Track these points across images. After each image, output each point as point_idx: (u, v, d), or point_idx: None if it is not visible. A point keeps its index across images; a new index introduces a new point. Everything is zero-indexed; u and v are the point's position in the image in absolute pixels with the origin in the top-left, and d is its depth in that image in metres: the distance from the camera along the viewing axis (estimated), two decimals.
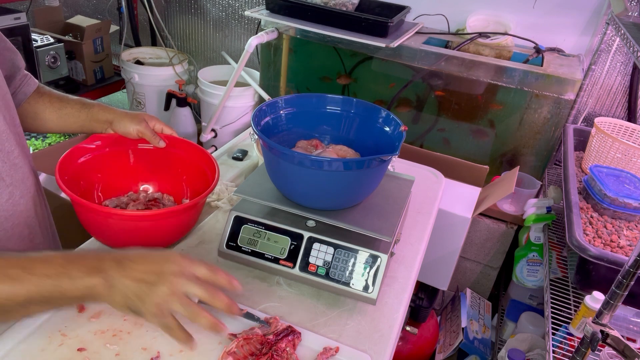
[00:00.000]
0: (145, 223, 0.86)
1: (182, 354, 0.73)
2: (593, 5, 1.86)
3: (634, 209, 1.31)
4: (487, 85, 1.85)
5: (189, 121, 2.43)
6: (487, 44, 1.90)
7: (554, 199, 1.69)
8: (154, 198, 1.04)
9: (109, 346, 0.73)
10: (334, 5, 1.92)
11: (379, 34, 1.79)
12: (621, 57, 1.86)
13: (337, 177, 0.82)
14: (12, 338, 0.72)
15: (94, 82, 2.53)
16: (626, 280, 0.86)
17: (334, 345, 0.77)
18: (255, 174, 0.98)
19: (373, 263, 0.84)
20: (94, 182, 0.99)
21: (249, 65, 2.34)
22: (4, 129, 0.79)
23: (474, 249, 1.97)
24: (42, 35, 2.28)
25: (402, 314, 0.88)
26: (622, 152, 1.51)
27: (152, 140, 0.98)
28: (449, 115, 1.99)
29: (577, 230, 1.20)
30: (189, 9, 2.63)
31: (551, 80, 1.72)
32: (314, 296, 0.88)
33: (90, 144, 0.97)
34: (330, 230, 0.87)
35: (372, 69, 2.06)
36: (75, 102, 0.97)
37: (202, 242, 0.99)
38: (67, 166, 0.91)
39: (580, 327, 1.16)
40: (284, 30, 2.09)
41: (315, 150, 0.97)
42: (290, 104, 0.98)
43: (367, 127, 0.98)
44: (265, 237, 0.88)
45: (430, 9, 2.07)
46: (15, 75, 0.91)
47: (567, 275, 1.42)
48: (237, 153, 1.35)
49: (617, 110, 1.96)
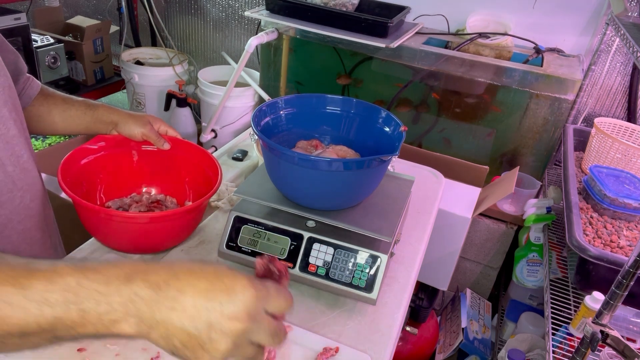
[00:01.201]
0: (148, 225, 0.86)
1: None
2: (593, 6, 1.86)
3: (633, 209, 1.31)
4: (487, 86, 1.85)
5: (189, 121, 2.44)
6: (487, 44, 1.90)
7: (554, 199, 1.69)
8: (156, 200, 1.05)
9: (109, 346, 0.72)
10: (334, 6, 1.92)
11: (379, 34, 1.79)
12: (621, 57, 1.86)
13: (337, 177, 0.82)
14: None
15: (94, 83, 2.54)
16: (626, 280, 0.86)
17: (334, 345, 0.77)
18: (255, 174, 0.98)
19: (373, 263, 0.84)
20: (96, 183, 0.99)
21: (249, 65, 2.34)
22: (14, 132, 0.78)
23: (474, 249, 1.97)
24: (42, 36, 2.28)
25: (402, 314, 0.88)
26: (622, 152, 1.51)
27: (157, 142, 0.98)
28: (449, 115, 1.99)
29: (577, 230, 1.20)
30: (189, 9, 2.63)
31: (551, 80, 1.72)
32: (314, 296, 0.88)
33: (93, 144, 0.97)
34: (330, 230, 0.87)
35: (372, 69, 2.06)
36: (80, 104, 0.97)
37: (202, 242, 0.99)
38: (69, 167, 0.91)
39: (580, 327, 1.16)
40: (284, 30, 2.09)
41: (315, 151, 0.97)
42: (290, 104, 0.98)
43: (367, 128, 0.98)
44: (265, 237, 0.89)
45: (430, 9, 2.07)
46: (19, 79, 0.90)
47: (567, 276, 1.42)
48: (237, 153, 1.35)
49: (617, 111, 1.96)
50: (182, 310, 0.46)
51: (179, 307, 0.46)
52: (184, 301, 0.46)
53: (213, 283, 0.47)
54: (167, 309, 0.46)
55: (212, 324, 0.46)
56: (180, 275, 0.48)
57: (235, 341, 0.47)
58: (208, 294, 0.47)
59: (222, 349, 0.47)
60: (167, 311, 0.46)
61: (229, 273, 0.49)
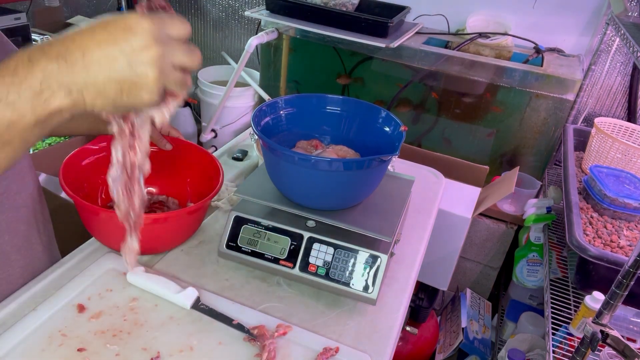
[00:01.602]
0: (150, 226, 0.85)
1: (182, 354, 0.73)
2: (593, 6, 1.86)
3: (634, 209, 1.31)
4: (487, 86, 1.85)
5: (189, 121, 2.44)
6: (487, 44, 1.90)
7: (554, 199, 1.69)
8: (159, 201, 1.05)
9: (109, 346, 0.72)
10: (334, 6, 1.92)
11: (379, 34, 1.79)
12: (621, 57, 1.86)
13: (337, 177, 0.82)
14: (12, 338, 0.72)
15: None
16: (626, 280, 0.86)
17: (334, 345, 0.77)
18: (255, 174, 0.98)
19: (373, 263, 0.84)
20: (98, 184, 0.99)
21: (249, 65, 2.34)
22: None
23: (474, 249, 1.97)
24: (42, 36, 2.28)
25: (402, 314, 0.88)
26: (622, 152, 1.51)
27: (159, 143, 0.98)
28: (449, 115, 1.99)
29: (577, 230, 1.20)
30: (189, 9, 2.63)
31: (551, 80, 1.72)
32: (313, 296, 0.88)
33: (95, 145, 0.97)
34: (330, 230, 0.87)
35: (372, 69, 2.06)
36: None
37: (202, 242, 0.99)
38: (71, 168, 0.90)
39: (580, 327, 1.16)
40: (284, 30, 2.09)
41: (315, 151, 0.97)
42: (290, 104, 0.98)
43: (367, 127, 0.98)
44: (265, 237, 0.88)
45: (430, 9, 2.07)
46: None
47: (567, 275, 1.42)
48: (237, 153, 1.35)
49: (617, 111, 1.96)
50: (97, 63, 0.48)
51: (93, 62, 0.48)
52: (93, 55, 0.48)
53: (108, 30, 0.49)
54: (82, 70, 0.48)
55: (130, 61, 0.48)
56: (75, 37, 0.49)
57: (159, 67, 0.50)
58: (110, 38, 0.48)
59: (151, 77, 0.49)
60: (84, 71, 0.48)
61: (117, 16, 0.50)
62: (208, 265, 0.92)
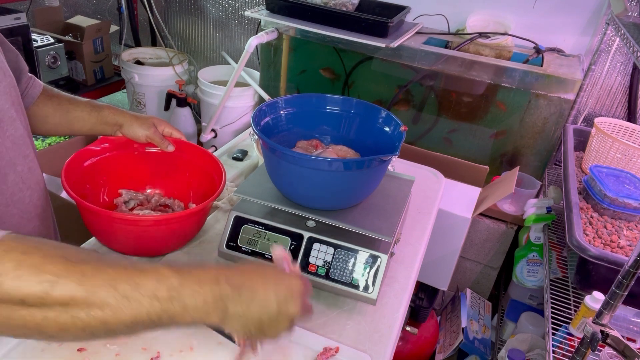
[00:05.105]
0: (152, 228, 0.86)
1: (182, 354, 0.73)
2: (593, 6, 1.86)
3: (634, 209, 1.31)
4: (487, 86, 1.85)
5: (189, 121, 2.43)
6: (487, 44, 1.90)
7: (554, 199, 1.69)
8: (164, 204, 1.05)
9: (109, 346, 0.73)
10: (334, 5, 1.92)
11: (379, 34, 1.79)
12: (621, 57, 1.86)
13: (337, 177, 0.82)
14: (12, 338, 0.72)
15: (94, 82, 2.53)
16: (626, 280, 0.86)
17: (334, 345, 0.77)
18: (255, 174, 0.98)
19: (373, 263, 0.84)
20: (100, 185, 0.99)
21: (249, 65, 2.34)
22: (22, 132, 0.78)
23: (474, 249, 1.97)
24: (42, 36, 2.28)
25: (402, 314, 0.88)
26: (622, 152, 1.51)
27: (161, 145, 0.98)
28: (449, 115, 1.99)
29: (577, 230, 1.20)
30: (189, 9, 2.63)
31: (551, 80, 1.72)
32: (314, 296, 0.88)
33: (97, 146, 0.97)
34: (330, 230, 0.87)
35: (372, 69, 2.06)
36: (85, 105, 0.96)
37: (202, 242, 0.99)
38: (73, 168, 0.90)
39: (580, 327, 1.16)
40: (284, 30, 2.09)
41: (315, 151, 0.97)
42: (290, 104, 0.98)
43: (367, 127, 0.98)
44: (265, 237, 0.89)
45: (430, 9, 2.07)
46: (21, 78, 0.90)
47: (567, 275, 1.42)
48: (237, 153, 1.36)
49: (617, 110, 1.96)
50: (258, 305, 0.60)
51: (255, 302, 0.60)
52: (258, 296, 0.60)
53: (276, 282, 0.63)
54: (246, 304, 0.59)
55: (280, 311, 0.61)
56: (253, 276, 0.62)
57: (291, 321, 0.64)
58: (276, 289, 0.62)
59: (283, 328, 0.63)
60: (246, 306, 0.59)
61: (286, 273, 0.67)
62: None
